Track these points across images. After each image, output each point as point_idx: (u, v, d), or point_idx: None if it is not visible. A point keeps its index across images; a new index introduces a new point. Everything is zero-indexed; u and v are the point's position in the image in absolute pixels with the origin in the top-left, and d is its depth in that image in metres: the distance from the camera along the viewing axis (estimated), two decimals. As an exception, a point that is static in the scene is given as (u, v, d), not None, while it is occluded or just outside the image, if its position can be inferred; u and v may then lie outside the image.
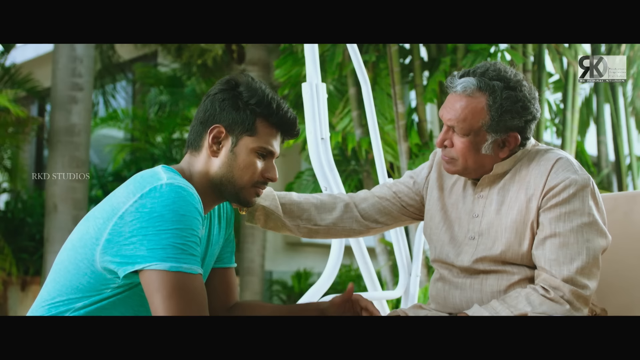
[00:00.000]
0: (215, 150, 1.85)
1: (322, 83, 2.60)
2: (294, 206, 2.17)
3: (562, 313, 1.85)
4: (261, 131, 1.86)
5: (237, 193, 1.89)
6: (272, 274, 10.06)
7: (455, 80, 2.00)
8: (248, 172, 1.87)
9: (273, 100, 1.87)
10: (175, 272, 1.65)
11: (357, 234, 2.27)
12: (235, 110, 1.84)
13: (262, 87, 1.88)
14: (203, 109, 1.88)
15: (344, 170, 6.11)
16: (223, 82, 1.90)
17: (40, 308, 1.79)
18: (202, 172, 1.87)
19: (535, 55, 5.53)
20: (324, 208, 2.21)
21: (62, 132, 6.64)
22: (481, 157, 2.01)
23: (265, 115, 1.86)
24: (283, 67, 5.77)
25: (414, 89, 5.61)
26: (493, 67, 2.00)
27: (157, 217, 1.66)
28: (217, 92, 1.87)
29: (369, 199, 2.25)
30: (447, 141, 2.02)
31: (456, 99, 1.99)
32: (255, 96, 1.85)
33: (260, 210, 2.11)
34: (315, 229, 2.20)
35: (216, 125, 1.85)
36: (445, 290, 2.08)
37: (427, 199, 2.20)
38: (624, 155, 6.88)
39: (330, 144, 2.64)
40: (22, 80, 8.05)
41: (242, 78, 1.89)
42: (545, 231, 1.94)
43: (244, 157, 1.86)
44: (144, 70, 8.95)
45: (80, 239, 1.77)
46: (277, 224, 2.15)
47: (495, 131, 1.98)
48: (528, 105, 1.98)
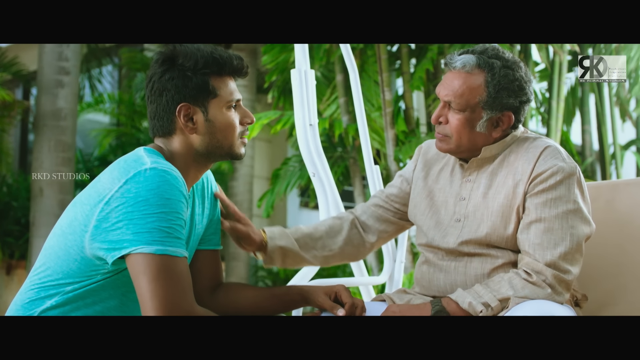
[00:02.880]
0: (192, 127, 1.85)
1: (311, 70, 2.62)
2: (307, 238, 2.20)
3: (543, 297, 1.88)
4: (220, 88, 1.87)
5: (228, 153, 1.90)
6: (258, 260, 10.07)
7: (454, 57, 2.03)
8: (230, 130, 1.88)
9: (214, 53, 1.86)
10: (161, 255, 1.67)
11: (369, 249, 2.30)
12: (189, 82, 1.83)
13: (196, 47, 1.86)
14: (157, 95, 1.86)
15: (330, 157, 6.13)
16: (160, 62, 1.86)
17: (29, 291, 1.81)
18: (183, 151, 1.87)
19: (521, 44, 5.57)
20: (333, 232, 2.24)
21: (48, 116, 6.60)
22: (475, 135, 2.04)
23: (216, 72, 1.86)
24: (270, 53, 5.77)
25: (401, 77, 5.64)
26: (492, 46, 2.04)
27: (142, 201, 1.68)
28: (162, 74, 1.85)
29: (366, 210, 2.29)
30: (442, 117, 2.05)
31: (455, 75, 2.02)
32: (198, 60, 1.84)
33: (278, 251, 2.13)
34: (330, 254, 2.23)
35: (181, 104, 1.84)
36: (430, 273, 2.11)
37: (413, 188, 2.23)
38: (608, 144, 6.94)
39: (318, 130, 2.66)
40: (7, 63, 7.99)
41: (173, 49, 1.87)
42: (530, 216, 1.97)
43: (220, 120, 1.87)
44: (130, 55, 8.90)
45: (69, 225, 1.78)
46: (296, 259, 2.17)
47: (491, 108, 2.00)
48: (524, 85, 2.02)
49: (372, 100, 5.70)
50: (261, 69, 6.57)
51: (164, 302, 1.65)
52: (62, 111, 6.62)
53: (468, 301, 1.91)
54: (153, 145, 1.89)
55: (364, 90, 5.61)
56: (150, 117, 1.90)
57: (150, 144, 1.91)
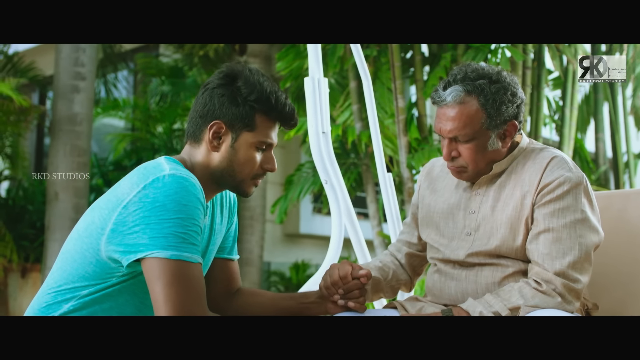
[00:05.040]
0: (215, 145, 1.88)
1: (324, 78, 2.64)
2: (382, 271, 2.25)
3: (553, 306, 1.89)
4: (260, 126, 1.89)
5: (236, 185, 1.93)
6: (270, 265, 10.09)
7: (440, 93, 2.02)
8: (248, 166, 1.90)
9: (272, 94, 1.89)
10: (176, 260, 1.69)
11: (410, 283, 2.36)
12: (235, 106, 1.86)
13: (260, 80, 1.89)
14: (202, 102, 1.90)
15: (343, 163, 6.14)
16: (221, 75, 1.91)
17: (46, 295, 1.84)
18: (202, 164, 1.90)
19: (535, 52, 5.56)
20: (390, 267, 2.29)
21: (64, 121, 6.65)
22: (488, 154, 2.05)
23: (264, 110, 1.88)
24: (285, 60, 5.78)
25: (414, 84, 5.63)
26: (469, 68, 2.03)
27: (160, 206, 1.70)
28: (216, 87, 1.89)
29: (403, 261, 2.33)
30: (454, 152, 2.05)
31: (449, 110, 2.01)
32: (254, 92, 1.87)
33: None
34: (397, 285, 2.30)
35: (216, 121, 1.87)
36: (441, 282, 2.13)
37: (420, 208, 2.25)
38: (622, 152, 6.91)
39: (330, 138, 2.68)
40: (24, 68, 8.06)
41: (240, 70, 1.90)
42: (539, 226, 1.98)
43: (244, 152, 1.89)
44: (145, 61, 8.95)
45: (86, 228, 1.81)
46: (383, 290, 2.25)
47: (495, 126, 2.02)
48: (515, 90, 2.03)
49: (386, 107, 5.70)
50: (275, 75, 6.59)
51: (177, 307, 1.67)
52: (78, 116, 6.67)
53: (479, 310, 1.92)
54: (176, 155, 1.93)
55: (378, 97, 5.61)
56: (189, 120, 1.94)
57: (173, 154, 1.94)
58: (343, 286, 2.04)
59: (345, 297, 2.04)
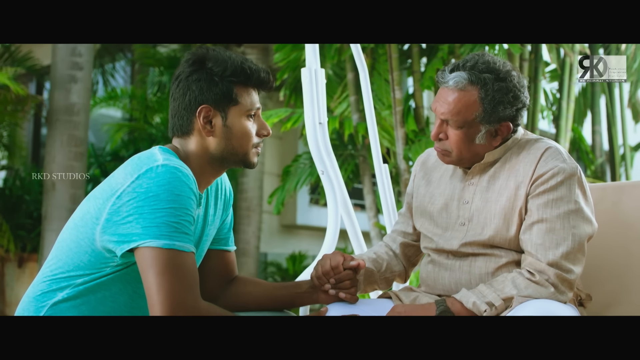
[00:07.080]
0: (209, 130, 1.90)
1: (321, 69, 2.65)
2: (376, 263, 2.26)
3: (547, 296, 1.90)
4: (243, 97, 1.92)
5: (241, 160, 1.95)
6: (267, 256, 10.11)
7: (446, 74, 2.04)
8: (246, 138, 1.93)
9: (244, 64, 1.91)
10: (169, 250, 1.70)
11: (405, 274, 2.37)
12: (215, 86, 1.88)
13: (227, 55, 1.92)
14: (181, 94, 1.90)
15: (340, 155, 6.15)
16: (190, 62, 1.91)
17: (41, 283, 1.85)
18: (198, 152, 1.91)
19: (532, 45, 5.56)
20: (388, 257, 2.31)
21: (61, 111, 6.64)
22: (475, 147, 2.06)
23: (242, 81, 1.91)
24: (282, 51, 5.79)
25: (411, 76, 5.64)
26: (482, 59, 2.03)
27: (153, 196, 1.72)
28: (189, 75, 1.90)
29: (398, 251, 2.34)
30: (442, 134, 2.07)
31: (448, 93, 2.02)
32: (227, 67, 1.89)
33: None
34: (391, 277, 2.31)
35: (202, 106, 1.88)
36: (435, 272, 2.14)
37: (415, 197, 2.26)
38: (618, 145, 6.93)
39: (327, 129, 2.68)
40: (21, 58, 8.04)
41: (205, 53, 1.92)
42: (532, 217, 1.99)
43: (237, 127, 1.91)
44: (143, 51, 8.93)
45: (82, 218, 1.83)
46: (376, 281, 2.26)
47: (488, 122, 2.02)
48: (519, 94, 2.03)
49: (383, 98, 5.71)
50: (273, 66, 6.58)
51: (170, 295, 1.68)
52: (75, 106, 6.66)
53: (472, 301, 1.93)
54: (169, 145, 1.93)
55: (375, 88, 5.62)
56: (171, 115, 1.94)
57: (167, 144, 1.95)
58: (334, 276, 2.07)
59: (337, 287, 2.07)
